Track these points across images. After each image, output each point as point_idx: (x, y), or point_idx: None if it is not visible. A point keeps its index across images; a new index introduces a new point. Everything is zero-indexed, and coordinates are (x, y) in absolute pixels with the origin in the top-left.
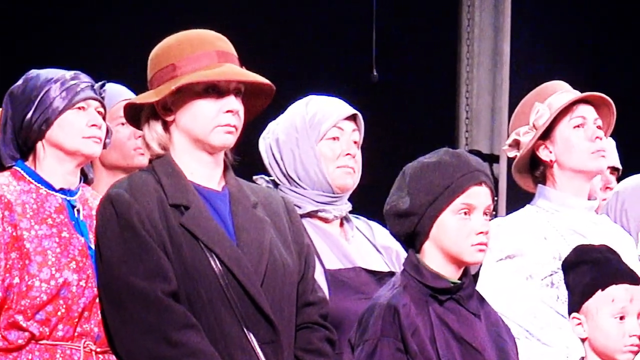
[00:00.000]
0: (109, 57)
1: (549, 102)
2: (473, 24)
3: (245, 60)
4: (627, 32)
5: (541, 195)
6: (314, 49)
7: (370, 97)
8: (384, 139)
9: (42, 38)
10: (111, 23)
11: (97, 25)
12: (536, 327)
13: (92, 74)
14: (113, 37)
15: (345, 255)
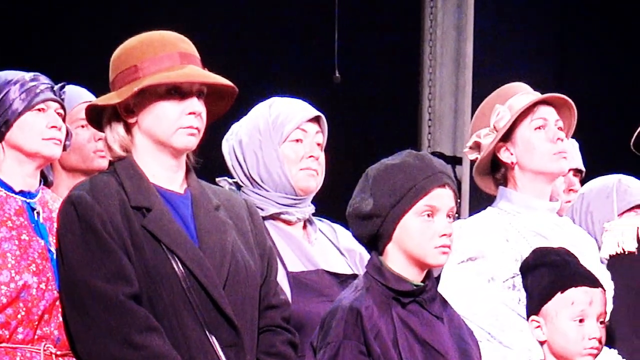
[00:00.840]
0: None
1: (509, 103)
2: (435, 26)
3: (207, 62)
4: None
5: (503, 197)
6: (277, 51)
7: (333, 99)
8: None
9: (0, 40)
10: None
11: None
12: (498, 330)
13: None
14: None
15: (308, 257)
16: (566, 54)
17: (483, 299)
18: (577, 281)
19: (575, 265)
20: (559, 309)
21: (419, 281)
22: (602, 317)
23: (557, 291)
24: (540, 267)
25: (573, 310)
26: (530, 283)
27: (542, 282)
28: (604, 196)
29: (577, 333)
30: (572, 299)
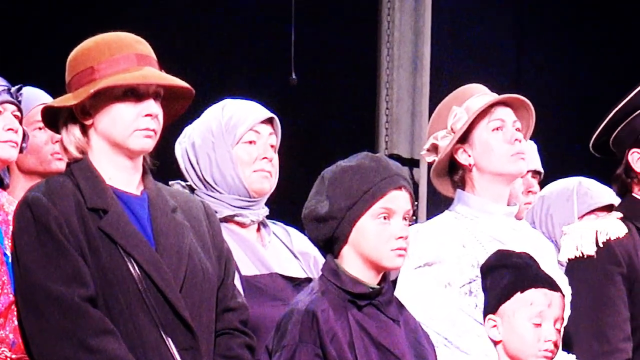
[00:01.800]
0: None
1: (466, 105)
2: (393, 27)
3: (164, 64)
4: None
5: (460, 201)
6: (232, 52)
7: (289, 100)
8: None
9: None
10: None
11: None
12: (454, 335)
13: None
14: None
15: (261, 261)
16: (524, 56)
17: (440, 305)
18: (537, 283)
19: (537, 269)
20: (518, 308)
21: (375, 284)
22: (559, 321)
23: (517, 291)
24: (501, 268)
25: (531, 311)
26: (489, 283)
27: (502, 282)
28: (564, 199)
29: (533, 334)
30: (532, 299)
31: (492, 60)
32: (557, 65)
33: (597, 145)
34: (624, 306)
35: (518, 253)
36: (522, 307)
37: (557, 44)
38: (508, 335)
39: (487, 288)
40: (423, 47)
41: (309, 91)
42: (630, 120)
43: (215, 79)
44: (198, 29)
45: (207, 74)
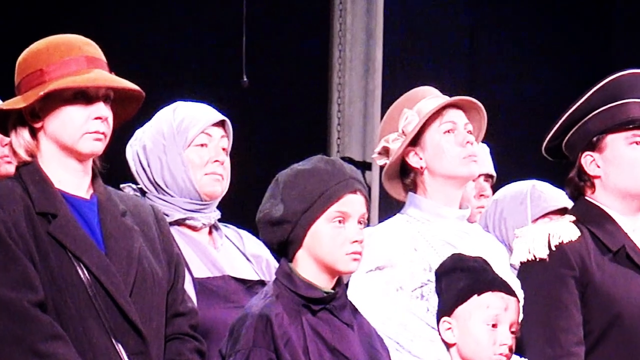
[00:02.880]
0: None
1: (417, 107)
2: (345, 29)
3: (114, 66)
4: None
5: (412, 204)
6: (183, 55)
7: (241, 103)
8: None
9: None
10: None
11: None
12: (406, 340)
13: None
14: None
15: (213, 263)
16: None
17: (391, 309)
18: (494, 286)
19: (493, 273)
20: (473, 311)
21: (330, 288)
22: (515, 326)
23: (473, 293)
24: (458, 271)
25: (487, 314)
26: (445, 285)
27: (459, 285)
28: (517, 202)
29: (488, 337)
30: (488, 302)
31: (445, 63)
32: (510, 68)
33: (550, 148)
34: (576, 310)
35: (474, 257)
36: (478, 310)
37: (510, 46)
38: (463, 338)
39: (442, 291)
40: (375, 49)
41: (260, 94)
42: (583, 124)
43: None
44: (149, 32)
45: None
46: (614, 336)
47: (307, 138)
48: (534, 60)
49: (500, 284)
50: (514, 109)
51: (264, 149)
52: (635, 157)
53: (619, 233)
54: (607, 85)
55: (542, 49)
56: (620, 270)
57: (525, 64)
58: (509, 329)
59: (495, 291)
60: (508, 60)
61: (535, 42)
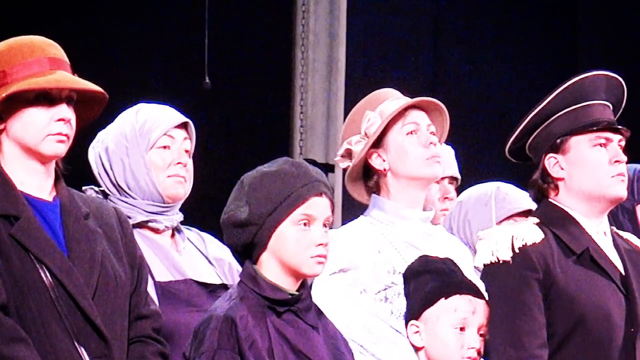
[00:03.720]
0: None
1: (380, 109)
2: (307, 31)
3: (76, 68)
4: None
5: (375, 206)
6: (146, 57)
7: (203, 105)
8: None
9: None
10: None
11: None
12: (370, 342)
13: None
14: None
15: (176, 267)
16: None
17: (355, 311)
18: (462, 289)
19: (461, 275)
20: (441, 314)
21: (294, 290)
22: (483, 329)
23: (441, 297)
24: (425, 274)
25: (455, 317)
26: (413, 288)
27: (426, 288)
28: (482, 204)
29: (456, 341)
30: (456, 306)
31: (408, 64)
32: (473, 69)
33: (513, 150)
34: (539, 312)
35: (442, 259)
36: (446, 313)
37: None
38: (431, 341)
39: (410, 293)
40: (338, 50)
41: (223, 95)
42: (546, 125)
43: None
44: (112, 33)
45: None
46: (577, 339)
47: (270, 140)
48: (498, 62)
49: (468, 286)
50: (478, 110)
51: (227, 151)
52: (599, 159)
53: (582, 235)
54: (571, 87)
55: (506, 50)
56: (583, 272)
57: (489, 65)
58: (477, 332)
59: (463, 294)
60: (471, 62)
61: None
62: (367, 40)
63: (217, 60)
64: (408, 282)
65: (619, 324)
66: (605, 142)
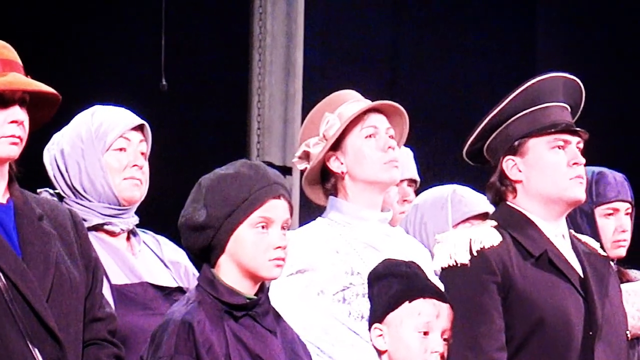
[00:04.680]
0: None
1: (339, 111)
2: (265, 32)
3: (30, 69)
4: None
5: (333, 208)
6: (102, 58)
7: (160, 107)
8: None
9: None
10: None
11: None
12: (328, 344)
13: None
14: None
15: (131, 269)
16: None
17: (313, 313)
18: (426, 292)
19: (425, 278)
20: (405, 318)
21: (252, 294)
22: (447, 333)
23: (405, 300)
24: (390, 277)
25: (419, 321)
26: (377, 291)
27: (390, 291)
28: (438, 207)
29: (420, 344)
30: (420, 309)
31: (367, 66)
32: (432, 71)
33: (471, 152)
34: (498, 315)
35: (406, 262)
36: (410, 316)
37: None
38: (394, 345)
39: (373, 296)
40: (295, 52)
41: (179, 97)
42: (504, 127)
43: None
44: (66, 35)
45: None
46: (536, 342)
47: (227, 142)
48: (457, 64)
49: (432, 290)
50: (437, 112)
51: (183, 154)
52: (557, 162)
53: (540, 238)
54: (529, 89)
55: (464, 52)
56: (542, 275)
57: (447, 67)
58: (441, 336)
59: (427, 298)
60: (430, 64)
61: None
62: (324, 42)
63: (174, 62)
64: (372, 285)
65: (578, 327)
66: (564, 145)
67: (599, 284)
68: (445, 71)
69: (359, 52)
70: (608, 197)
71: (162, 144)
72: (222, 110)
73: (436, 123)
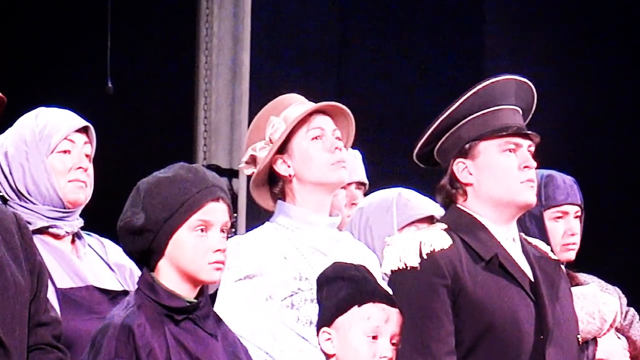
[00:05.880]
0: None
1: (284, 115)
2: (212, 34)
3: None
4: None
5: (281, 212)
6: (47, 60)
7: (105, 109)
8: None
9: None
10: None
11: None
12: (276, 350)
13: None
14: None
15: (76, 273)
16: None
17: (261, 318)
18: (375, 297)
19: (375, 283)
20: (354, 322)
21: (193, 298)
22: (395, 338)
23: (354, 304)
24: (339, 280)
25: (368, 325)
26: (326, 295)
27: (340, 295)
28: (383, 210)
29: (368, 349)
30: (369, 314)
31: (314, 69)
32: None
33: (422, 154)
34: (447, 319)
35: (356, 266)
36: (359, 321)
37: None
38: (343, 349)
39: (322, 300)
40: (242, 54)
41: (125, 100)
42: (455, 130)
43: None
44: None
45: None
46: (486, 345)
47: (174, 145)
48: (405, 66)
49: (381, 294)
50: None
51: (129, 156)
52: (508, 165)
53: (491, 242)
54: (480, 91)
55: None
56: (492, 279)
57: (395, 69)
58: (390, 340)
59: (377, 302)
60: (377, 66)
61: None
62: (271, 44)
63: (120, 64)
64: (321, 289)
65: (528, 331)
66: (515, 148)
67: (550, 287)
68: (392, 73)
69: (305, 54)
70: (557, 201)
71: (107, 146)
72: (169, 113)
73: (384, 125)
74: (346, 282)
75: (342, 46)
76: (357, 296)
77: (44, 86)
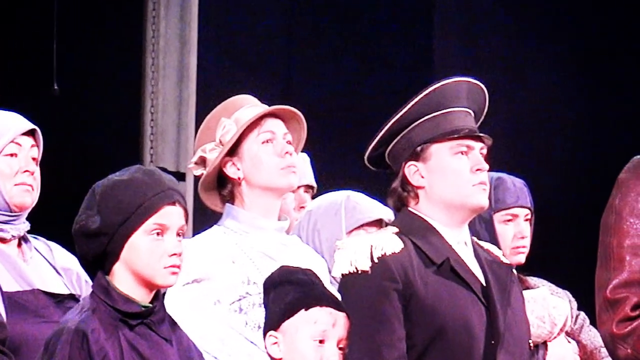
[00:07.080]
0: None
1: (235, 117)
2: (158, 36)
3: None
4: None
5: (229, 215)
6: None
7: (52, 111)
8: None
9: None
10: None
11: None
12: (225, 354)
13: None
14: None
15: (23, 277)
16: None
17: (209, 322)
18: (322, 301)
19: (322, 287)
20: (301, 326)
21: (148, 302)
22: (343, 342)
23: (301, 308)
24: (286, 284)
25: (315, 330)
26: (273, 298)
27: (287, 298)
28: (332, 213)
29: (315, 353)
30: (316, 318)
31: (262, 71)
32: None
33: (372, 157)
34: (399, 323)
35: (303, 270)
36: (306, 324)
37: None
38: (289, 353)
39: (269, 304)
40: (189, 56)
41: (72, 102)
42: (406, 133)
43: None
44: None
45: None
46: (437, 350)
47: (120, 148)
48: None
49: (329, 299)
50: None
51: (76, 159)
52: (460, 168)
53: (443, 245)
54: (431, 94)
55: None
56: (444, 283)
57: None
58: (337, 345)
59: (324, 306)
60: (327, 69)
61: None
62: (219, 46)
63: (66, 66)
64: (268, 293)
65: (480, 335)
66: (467, 150)
67: (501, 292)
68: (340, 76)
69: (253, 57)
70: (507, 203)
71: (54, 149)
72: (115, 115)
73: (332, 128)
74: (293, 286)
75: (289, 48)
76: (304, 300)
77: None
